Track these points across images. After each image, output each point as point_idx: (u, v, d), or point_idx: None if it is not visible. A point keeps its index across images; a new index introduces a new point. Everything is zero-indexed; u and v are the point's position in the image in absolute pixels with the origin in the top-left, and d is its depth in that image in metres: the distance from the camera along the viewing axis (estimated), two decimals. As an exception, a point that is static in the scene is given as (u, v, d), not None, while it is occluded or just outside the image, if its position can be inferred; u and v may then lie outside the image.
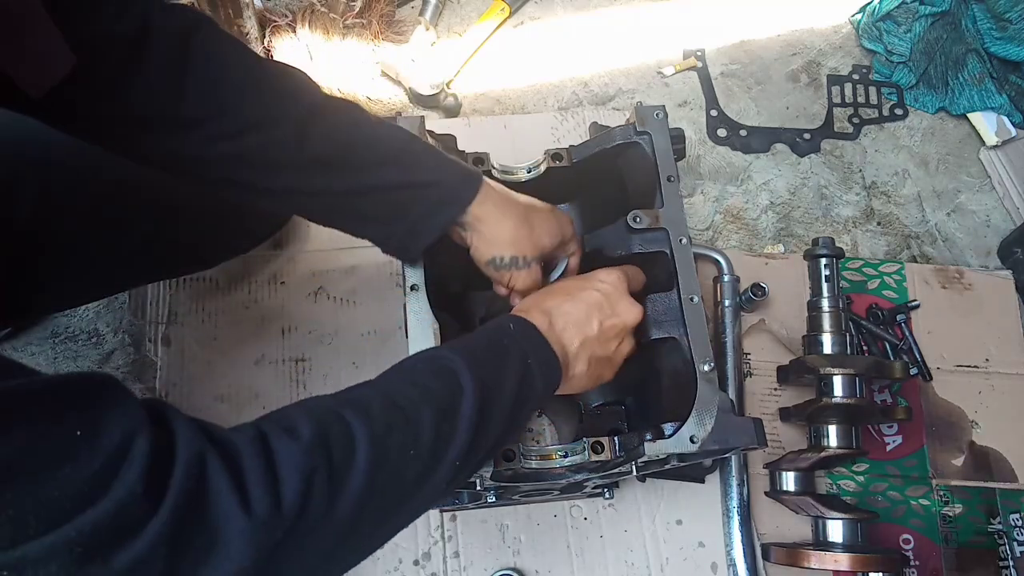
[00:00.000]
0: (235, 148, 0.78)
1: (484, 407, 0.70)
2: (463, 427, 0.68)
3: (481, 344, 0.77)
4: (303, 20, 1.48)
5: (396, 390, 0.68)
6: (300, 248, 1.37)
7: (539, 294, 0.89)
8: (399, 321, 0.96)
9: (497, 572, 1.20)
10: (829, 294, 1.24)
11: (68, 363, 1.30)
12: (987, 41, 1.63)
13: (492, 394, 0.72)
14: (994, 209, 1.61)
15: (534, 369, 0.77)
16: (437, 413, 0.67)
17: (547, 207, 0.97)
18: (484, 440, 0.71)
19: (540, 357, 0.79)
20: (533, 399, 0.77)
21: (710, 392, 0.91)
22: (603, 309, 0.87)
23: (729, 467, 1.26)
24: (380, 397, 0.67)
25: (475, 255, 0.93)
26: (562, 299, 0.86)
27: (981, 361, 1.42)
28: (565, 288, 0.89)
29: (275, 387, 1.29)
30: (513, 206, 0.92)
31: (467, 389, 0.69)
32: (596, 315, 0.86)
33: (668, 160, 1.04)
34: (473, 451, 0.70)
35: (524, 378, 0.76)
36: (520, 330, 0.80)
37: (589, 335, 0.85)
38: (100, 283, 1.09)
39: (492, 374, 0.73)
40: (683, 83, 1.66)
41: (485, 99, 1.59)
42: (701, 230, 1.52)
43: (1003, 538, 1.32)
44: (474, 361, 0.72)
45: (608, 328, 0.87)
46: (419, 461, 0.65)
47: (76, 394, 0.49)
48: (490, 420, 0.71)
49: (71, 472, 0.45)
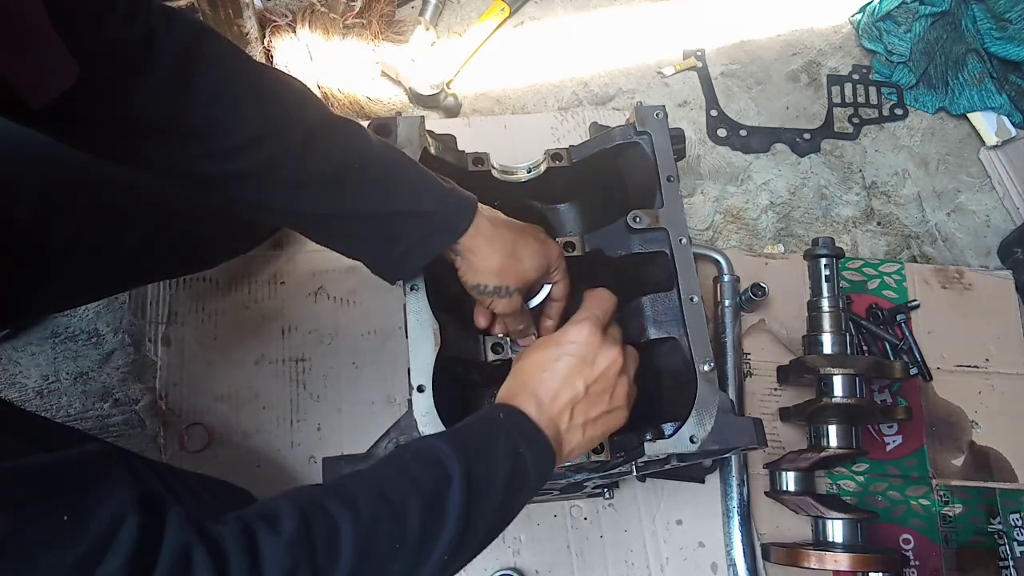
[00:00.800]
0: (234, 165, 0.78)
1: (473, 498, 0.69)
2: (451, 519, 0.67)
3: (471, 435, 0.76)
4: (303, 20, 1.48)
5: (384, 481, 0.68)
6: (300, 248, 1.37)
7: (517, 375, 0.86)
8: (399, 321, 0.96)
9: (497, 572, 1.20)
10: (829, 294, 1.24)
11: (68, 363, 1.30)
12: (987, 41, 1.63)
13: (482, 485, 0.71)
14: (994, 209, 1.61)
15: (526, 458, 0.76)
16: (425, 505, 0.66)
17: (537, 236, 0.97)
18: (473, 533, 0.70)
19: (532, 445, 0.78)
20: (527, 488, 0.76)
21: (710, 392, 0.91)
22: (583, 370, 0.84)
23: (729, 467, 1.26)
24: (367, 488, 0.66)
25: (461, 277, 0.94)
26: (541, 375, 0.84)
27: (981, 361, 1.42)
28: (540, 363, 0.86)
29: (275, 387, 1.29)
30: (502, 239, 0.92)
31: (455, 480, 0.68)
32: (578, 380, 0.83)
33: (668, 160, 1.04)
34: (463, 544, 0.68)
35: (515, 468, 0.74)
36: (510, 419, 0.79)
37: (578, 402, 0.83)
38: (100, 283, 1.09)
39: (482, 465, 0.72)
40: (683, 83, 1.66)
41: (485, 99, 1.59)
42: (701, 230, 1.52)
43: (1003, 538, 1.32)
44: (464, 452, 0.71)
45: (594, 386, 0.85)
46: (406, 554, 0.64)
47: (69, 476, 0.49)
48: (480, 512, 0.70)
49: (56, 557, 0.46)
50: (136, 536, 0.49)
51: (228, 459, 1.23)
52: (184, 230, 1.07)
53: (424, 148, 1.01)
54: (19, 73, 0.59)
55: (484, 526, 0.71)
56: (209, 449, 1.24)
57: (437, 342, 0.91)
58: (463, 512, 0.68)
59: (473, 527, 0.69)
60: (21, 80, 0.59)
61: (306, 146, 0.79)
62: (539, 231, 1.00)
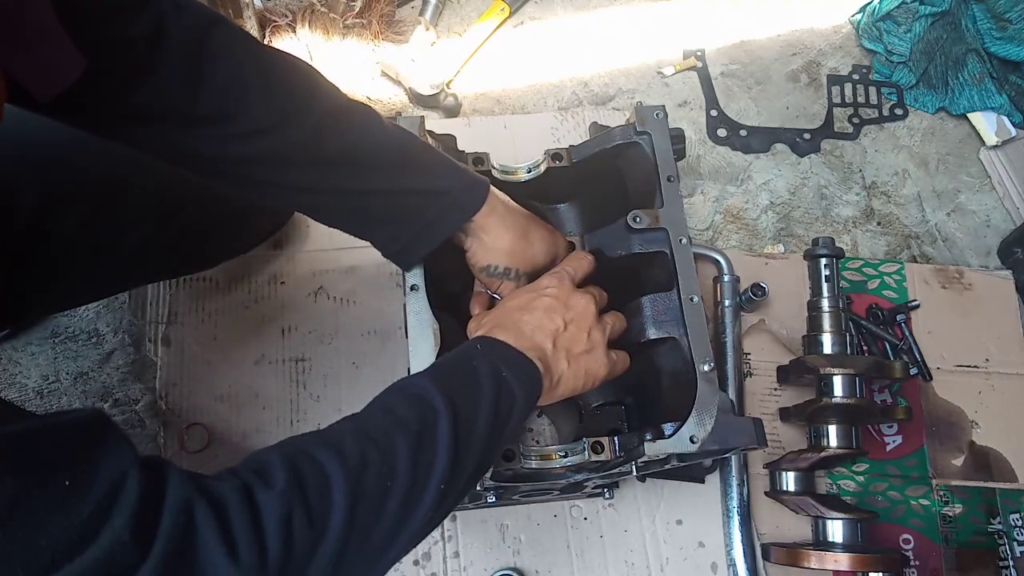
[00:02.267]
0: (248, 149, 0.78)
1: (461, 426, 0.69)
2: (441, 449, 0.67)
3: (450, 367, 0.77)
4: (303, 20, 1.48)
5: (368, 423, 0.68)
6: (300, 248, 1.37)
7: (493, 315, 0.89)
8: (399, 321, 0.97)
9: (497, 572, 1.20)
10: (829, 294, 1.24)
11: (68, 363, 1.30)
12: (987, 41, 1.63)
13: (468, 412, 0.71)
14: (994, 209, 1.61)
15: (510, 381, 0.76)
16: (412, 439, 0.66)
17: (546, 225, 1.00)
18: (467, 460, 0.70)
19: (515, 368, 0.78)
20: (516, 410, 0.77)
21: (710, 392, 0.91)
22: (559, 309, 0.87)
23: (729, 467, 1.26)
24: (352, 431, 0.66)
25: (471, 259, 0.95)
26: (518, 313, 0.86)
27: (981, 361, 1.42)
28: (515, 304, 0.88)
29: (275, 387, 1.29)
30: (515, 219, 0.93)
31: (441, 412, 0.69)
32: (556, 315, 0.86)
33: (668, 160, 1.04)
34: (457, 472, 0.69)
35: (501, 391, 0.75)
36: (488, 347, 0.80)
37: (559, 333, 0.85)
38: (100, 283, 1.09)
39: (465, 393, 0.72)
40: (683, 83, 1.66)
41: (485, 99, 1.59)
42: (701, 230, 1.52)
43: (1003, 538, 1.32)
44: (445, 384, 0.72)
45: (571, 324, 0.87)
46: (400, 490, 0.64)
47: (66, 439, 0.49)
48: (470, 439, 0.71)
49: (61, 521, 0.45)
50: (138, 493, 0.49)
51: (228, 459, 1.23)
52: (184, 230, 1.07)
53: (424, 148, 1.01)
54: (24, 68, 0.59)
55: (477, 450, 0.72)
56: (209, 449, 1.24)
57: (437, 342, 0.91)
58: (452, 442, 0.68)
59: (466, 454, 0.70)
60: (26, 75, 0.59)
61: (318, 132, 0.80)
62: (548, 224, 1.02)
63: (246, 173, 0.82)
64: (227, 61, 0.75)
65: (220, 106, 0.75)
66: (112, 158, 0.94)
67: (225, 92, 0.75)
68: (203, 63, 0.73)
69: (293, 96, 0.80)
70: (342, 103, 0.83)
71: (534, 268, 0.96)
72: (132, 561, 0.48)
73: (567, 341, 0.86)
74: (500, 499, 1.07)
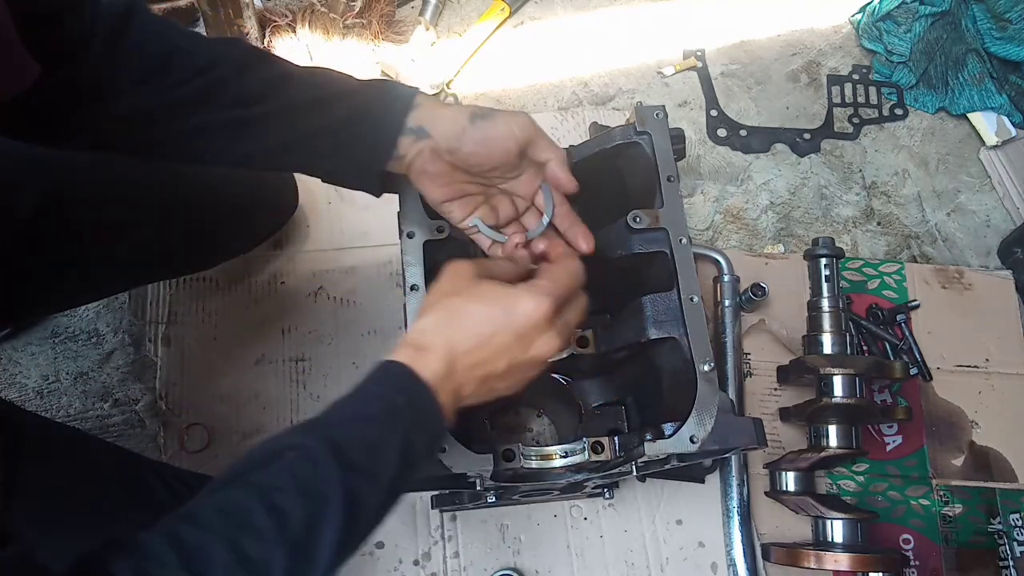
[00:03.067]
0: (177, 93, 0.78)
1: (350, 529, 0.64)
2: (322, 561, 0.62)
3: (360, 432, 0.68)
4: (303, 20, 1.48)
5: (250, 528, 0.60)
6: (300, 248, 1.37)
7: (447, 314, 0.76)
8: (399, 321, 0.96)
9: (497, 572, 1.20)
10: (829, 294, 1.24)
11: (68, 363, 1.30)
12: (987, 41, 1.63)
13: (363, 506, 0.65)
14: (994, 209, 1.61)
15: (417, 447, 0.70)
16: (292, 553, 0.61)
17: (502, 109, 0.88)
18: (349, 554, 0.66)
19: (427, 432, 0.72)
20: (406, 485, 0.72)
21: (710, 392, 0.91)
22: (514, 351, 0.75)
23: (729, 467, 1.26)
24: (228, 552, 0.59)
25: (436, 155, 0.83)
26: (471, 339, 0.74)
27: (981, 361, 1.42)
28: (476, 322, 0.74)
29: (275, 387, 1.29)
30: (458, 108, 0.83)
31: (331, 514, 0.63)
32: (505, 358, 0.75)
33: (668, 160, 1.04)
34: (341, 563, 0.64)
35: (405, 464, 0.68)
36: (415, 402, 0.71)
37: (491, 376, 0.76)
38: (100, 283, 1.09)
39: (367, 479, 0.66)
40: (683, 83, 1.66)
41: (485, 99, 1.59)
42: (701, 230, 1.52)
43: (1003, 538, 1.32)
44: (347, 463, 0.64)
45: (514, 366, 0.76)
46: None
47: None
48: (357, 535, 0.66)
49: None
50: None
51: (228, 459, 1.23)
52: (184, 230, 1.08)
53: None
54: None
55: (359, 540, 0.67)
56: (209, 449, 1.24)
57: (437, 342, 0.91)
58: (336, 550, 0.63)
59: (348, 552, 0.65)
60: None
61: (241, 71, 0.80)
62: None
63: (179, 127, 0.80)
64: (148, 31, 0.78)
65: (149, 62, 0.78)
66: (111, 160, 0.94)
67: (149, 57, 0.77)
68: (129, 35, 0.76)
69: (212, 52, 0.80)
70: (260, 50, 0.85)
71: (504, 151, 0.84)
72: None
73: (493, 381, 0.76)
74: (500, 499, 1.07)
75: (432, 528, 1.23)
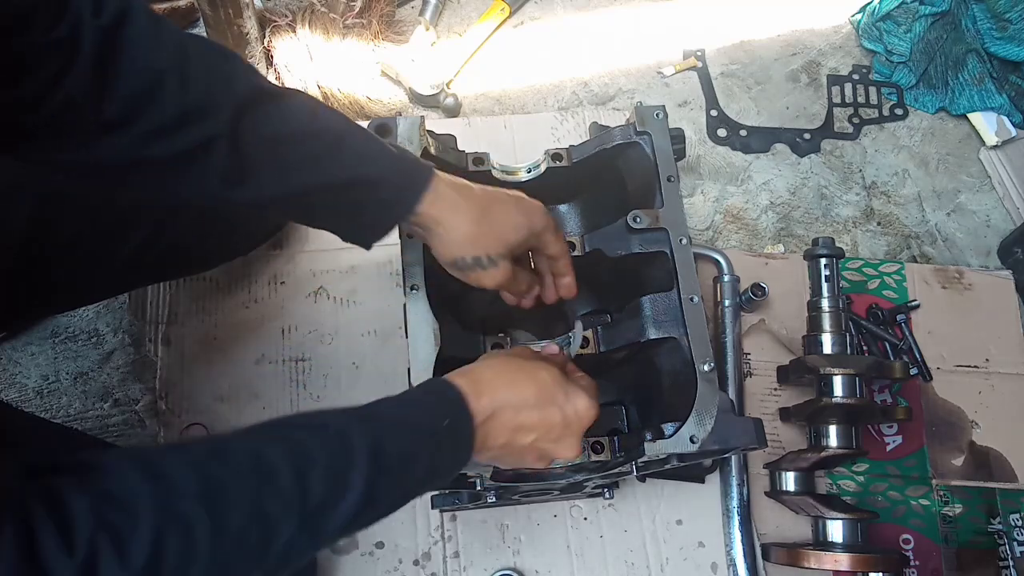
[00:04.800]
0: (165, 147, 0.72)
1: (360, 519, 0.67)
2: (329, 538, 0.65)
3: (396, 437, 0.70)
4: (303, 20, 1.48)
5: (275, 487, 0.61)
6: (300, 248, 1.37)
7: (510, 373, 0.80)
8: (399, 321, 0.96)
9: (497, 572, 1.20)
10: (829, 294, 1.24)
11: (68, 363, 1.30)
12: (987, 41, 1.63)
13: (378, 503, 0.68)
14: (994, 209, 1.61)
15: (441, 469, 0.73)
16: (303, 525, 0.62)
17: (512, 196, 0.89)
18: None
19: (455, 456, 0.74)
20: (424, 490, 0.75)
21: (710, 392, 0.91)
22: (551, 432, 0.79)
23: (729, 467, 1.26)
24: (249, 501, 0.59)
25: (437, 256, 0.87)
26: (524, 402, 0.78)
27: (981, 361, 1.42)
28: (541, 387, 0.79)
29: (275, 387, 1.29)
30: (469, 201, 0.84)
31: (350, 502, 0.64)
32: (537, 434, 0.79)
33: (668, 160, 1.04)
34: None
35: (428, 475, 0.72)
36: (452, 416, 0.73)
37: (514, 441, 0.78)
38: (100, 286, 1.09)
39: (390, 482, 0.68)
40: (683, 83, 1.66)
41: (485, 99, 1.59)
42: (701, 230, 1.52)
43: (1003, 538, 1.32)
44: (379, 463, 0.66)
45: (534, 448, 0.80)
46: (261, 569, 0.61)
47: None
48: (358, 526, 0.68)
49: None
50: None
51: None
52: (183, 232, 1.07)
53: (424, 148, 1.01)
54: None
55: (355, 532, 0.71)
56: (209, 449, 1.24)
57: (437, 342, 0.91)
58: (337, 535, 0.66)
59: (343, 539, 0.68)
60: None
61: (237, 121, 0.73)
62: (517, 193, 0.90)
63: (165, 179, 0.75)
64: (139, 52, 0.69)
65: (132, 100, 0.69)
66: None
67: (137, 87, 0.69)
68: (115, 57, 0.68)
69: (208, 84, 0.72)
70: (262, 90, 0.76)
71: (508, 247, 0.86)
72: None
73: (518, 447, 0.79)
74: (500, 499, 1.07)
75: (432, 528, 1.23)
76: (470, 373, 0.78)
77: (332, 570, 1.19)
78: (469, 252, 0.85)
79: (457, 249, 0.84)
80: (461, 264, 0.86)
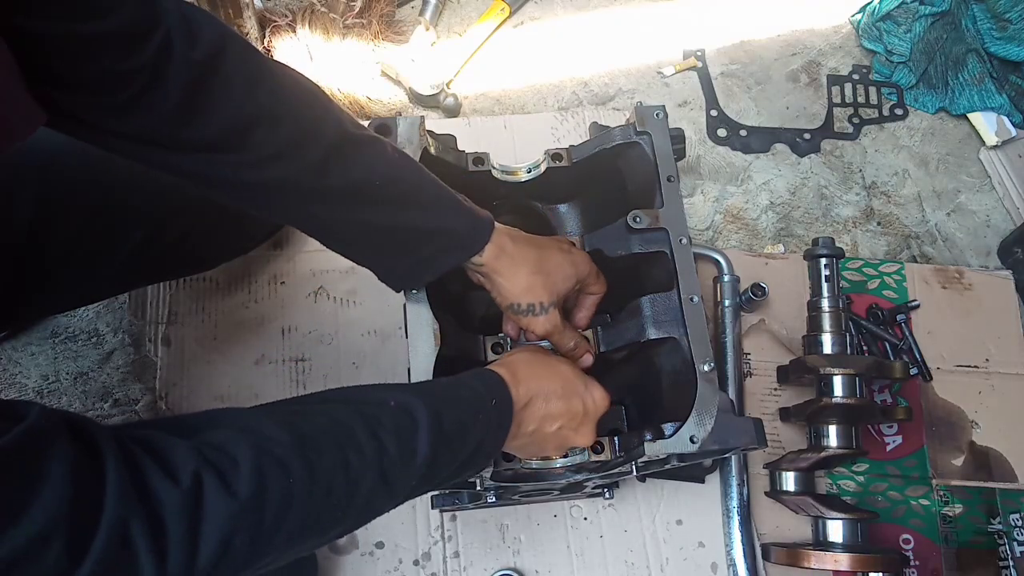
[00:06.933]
0: (249, 176, 0.77)
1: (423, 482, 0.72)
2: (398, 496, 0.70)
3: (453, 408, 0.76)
4: (303, 20, 1.48)
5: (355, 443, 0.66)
6: (300, 248, 1.37)
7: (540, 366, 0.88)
8: (399, 321, 0.96)
9: (497, 572, 1.20)
10: (829, 294, 1.24)
11: (68, 363, 1.30)
12: (987, 41, 1.63)
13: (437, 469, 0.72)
14: (994, 209, 1.61)
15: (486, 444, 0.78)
16: (380, 480, 0.67)
17: (561, 247, 0.98)
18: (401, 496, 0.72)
19: (497, 435, 0.80)
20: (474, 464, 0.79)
21: (710, 392, 0.91)
22: (574, 420, 0.87)
23: (729, 467, 1.26)
24: (335, 451, 0.64)
25: (495, 299, 0.95)
26: (554, 391, 0.85)
27: (981, 361, 1.42)
28: (566, 380, 0.88)
29: (275, 387, 1.29)
30: (526, 255, 0.92)
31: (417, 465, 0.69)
32: (563, 421, 0.86)
33: (668, 160, 1.04)
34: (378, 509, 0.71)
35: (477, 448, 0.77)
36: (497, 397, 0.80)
37: (542, 429, 0.85)
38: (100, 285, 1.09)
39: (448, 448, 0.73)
40: (683, 83, 1.66)
41: (485, 99, 1.59)
42: (701, 230, 1.52)
43: (1003, 538, 1.32)
44: (439, 430, 0.71)
45: (558, 436, 0.87)
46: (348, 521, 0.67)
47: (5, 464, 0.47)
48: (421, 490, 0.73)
49: None
50: (72, 516, 0.48)
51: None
52: (184, 231, 1.07)
53: (424, 148, 1.01)
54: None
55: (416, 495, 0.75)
56: (209, 449, 1.24)
57: (437, 342, 0.91)
58: (405, 497, 0.71)
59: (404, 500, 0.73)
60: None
61: (324, 163, 0.79)
62: (564, 242, 1.00)
63: (246, 196, 0.81)
64: (232, 91, 0.72)
65: (223, 136, 0.74)
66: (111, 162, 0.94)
67: (228, 123, 0.73)
68: (207, 94, 0.71)
69: (300, 126, 0.77)
70: (349, 135, 0.81)
71: (559, 296, 0.95)
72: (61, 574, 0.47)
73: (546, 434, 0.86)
74: (500, 499, 1.07)
75: (432, 528, 1.23)
76: (508, 364, 0.85)
77: (332, 570, 1.19)
78: (525, 299, 0.93)
79: (514, 296, 0.93)
80: (517, 309, 0.94)
